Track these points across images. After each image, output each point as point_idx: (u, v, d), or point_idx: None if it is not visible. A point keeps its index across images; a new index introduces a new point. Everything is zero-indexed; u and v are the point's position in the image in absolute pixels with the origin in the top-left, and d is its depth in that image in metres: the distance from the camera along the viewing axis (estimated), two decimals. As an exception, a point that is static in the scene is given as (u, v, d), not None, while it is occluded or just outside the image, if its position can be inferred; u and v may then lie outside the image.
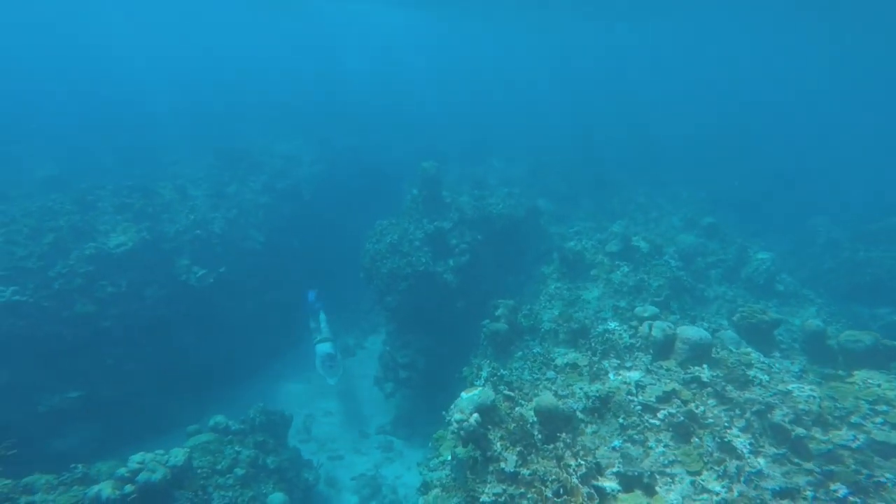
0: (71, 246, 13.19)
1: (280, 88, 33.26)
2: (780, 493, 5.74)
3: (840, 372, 7.74)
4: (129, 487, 7.93)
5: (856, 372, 7.56)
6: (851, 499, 5.54)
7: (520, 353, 9.83)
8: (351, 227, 20.20)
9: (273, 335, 17.72)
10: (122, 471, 8.17)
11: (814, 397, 6.86)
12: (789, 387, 7.15)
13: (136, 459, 8.42)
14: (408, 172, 19.85)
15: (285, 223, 19.70)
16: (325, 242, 21.05)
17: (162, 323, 14.10)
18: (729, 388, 7.14)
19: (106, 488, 7.79)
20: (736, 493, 5.79)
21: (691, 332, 7.95)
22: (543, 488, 5.62)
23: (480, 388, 7.00)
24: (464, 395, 6.89)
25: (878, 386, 7.09)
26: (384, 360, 15.75)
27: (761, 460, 6.17)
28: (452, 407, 7.03)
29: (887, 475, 5.79)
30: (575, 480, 5.49)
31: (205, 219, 16.20)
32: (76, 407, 12.60)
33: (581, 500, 5.27)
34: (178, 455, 8.92)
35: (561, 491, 5.54)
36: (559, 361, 8.67)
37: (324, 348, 15.23)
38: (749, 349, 8.40)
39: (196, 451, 9.99)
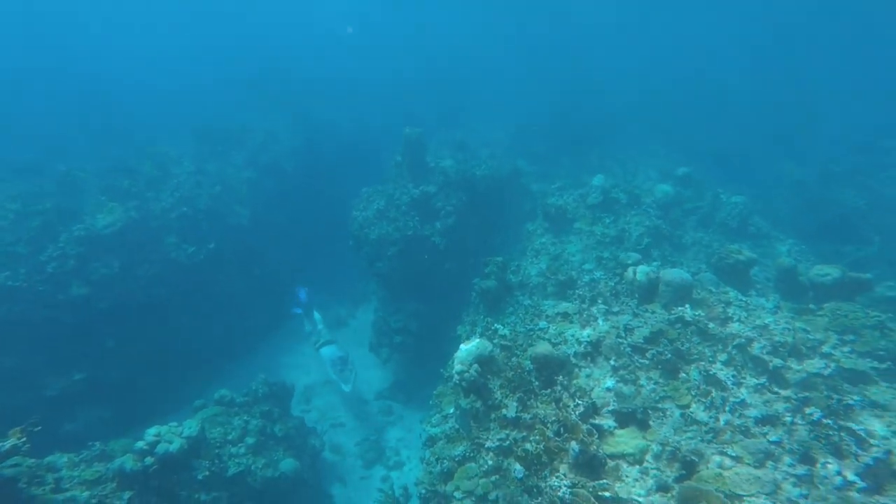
0: (59, 229, 13.13)
1: (251, 63, 32.54)
2: (762, 419, 6.15)
3: (811, 306, 8.21)
4: (149, 459, 8.18)
5: (825, 305, 8.03)
6: (825, 421, 5.99)
7: (511, 307, 10.20)
8: (335, 199, 20.25)
9: (265, 310, 17.85)
10: (141, 444, 8.38)
11: (788, 330, 7.34)
12: (766, 321, 7.61)
13: (151, 433, 8.61)
14: (388, 140, 19.88)
15: (269, 197, 19.74)
16: (310, 215, 21.07)
17: (157, 302, 14.19)
18: (711, 325, 7.56)
19: (128, 461, 8.06)
20: (722, 422, 6.17)
21: (673, 273, 8.31)
22: (545, 429, 6.00)
23: (478, 340, 7.34)
24: (463, 347, 7.21)
25: (846, 317, 7.57)
26: (378, 327, 15.97)
27: (744, 391, 6.59)
28: (452, 360, 7.38)
29: (855, 398, 6.30)
30: (574, 418, 5.89)
31: (189, 195, 16.15)
32: (82, 390, 12.75)
33: (581, 436, 5.66)
34: (192, 426, 9.16)
35: (562, 430, 5.93)
36: (550, 312, 9.02)
37: (331, 352, 14.44)
38: (727, 289, 8.86)
39: (206, 423, 10.16)
